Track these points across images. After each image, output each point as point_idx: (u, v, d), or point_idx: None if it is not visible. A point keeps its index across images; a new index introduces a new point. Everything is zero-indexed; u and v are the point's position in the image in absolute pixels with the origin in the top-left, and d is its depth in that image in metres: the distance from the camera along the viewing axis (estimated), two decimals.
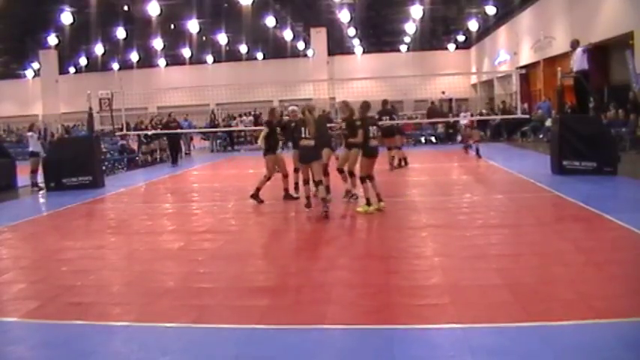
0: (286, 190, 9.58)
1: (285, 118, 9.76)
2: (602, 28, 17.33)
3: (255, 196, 9.32)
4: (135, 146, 19.18)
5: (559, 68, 12.63)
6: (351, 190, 9.22)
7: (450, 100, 29.13)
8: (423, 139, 22.45)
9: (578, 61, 11.76)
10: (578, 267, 5.24)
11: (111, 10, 25.81)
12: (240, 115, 26.32)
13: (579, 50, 11.86)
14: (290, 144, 10.39)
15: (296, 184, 9.63)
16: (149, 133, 18.68)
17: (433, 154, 17.22)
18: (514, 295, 4.47)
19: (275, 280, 5.31)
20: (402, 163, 13.92)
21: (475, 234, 6.68)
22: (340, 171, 9.21)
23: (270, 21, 27.72)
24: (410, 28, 30.99)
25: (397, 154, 13.82)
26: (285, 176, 9.54)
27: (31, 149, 13.22)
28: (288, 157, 9.76)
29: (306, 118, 8.36)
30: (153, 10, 23.62)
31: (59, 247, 7.07)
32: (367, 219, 7.94)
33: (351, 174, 8.97)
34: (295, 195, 9.58)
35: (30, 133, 13.56)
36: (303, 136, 8.25)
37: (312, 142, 8.24)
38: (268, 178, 9.36)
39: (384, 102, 13.70)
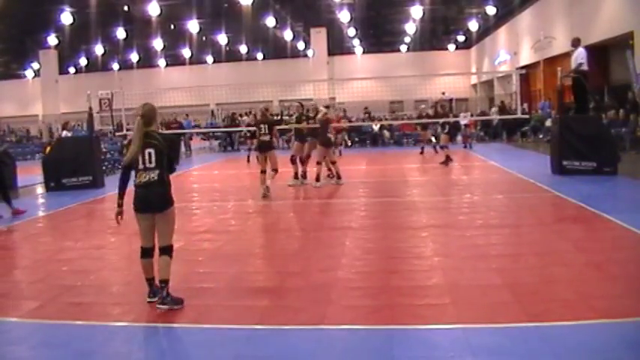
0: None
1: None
2: (602, 28, 17.34)
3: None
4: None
5: (559, 68, 12.60)
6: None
7: (450, 100, 29.09)
8: None
9: (578, 61, 11.64)
10: (578, 267, 5.24)
11: (111, 10, 25.81)
12: (241, 115, 26.33)
13: (581, 49, 11.74)
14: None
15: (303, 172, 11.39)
16: None
17: (433, 154, 17.20)
18: (514, 295, 4.46)
19: (275, 280, 5.30)
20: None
21: (475, 234, 6.68)
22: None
23: (270, 21, 27.72)
24: (410, 28, 30.99)
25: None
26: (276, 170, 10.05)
27: None
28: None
29: None
30: (153, 10, 23.64)
31: (59, 247, 7.07)
32: (368, 219, 7.94)
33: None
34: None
35: (64, 132, 13.91)
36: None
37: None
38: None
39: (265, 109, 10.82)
